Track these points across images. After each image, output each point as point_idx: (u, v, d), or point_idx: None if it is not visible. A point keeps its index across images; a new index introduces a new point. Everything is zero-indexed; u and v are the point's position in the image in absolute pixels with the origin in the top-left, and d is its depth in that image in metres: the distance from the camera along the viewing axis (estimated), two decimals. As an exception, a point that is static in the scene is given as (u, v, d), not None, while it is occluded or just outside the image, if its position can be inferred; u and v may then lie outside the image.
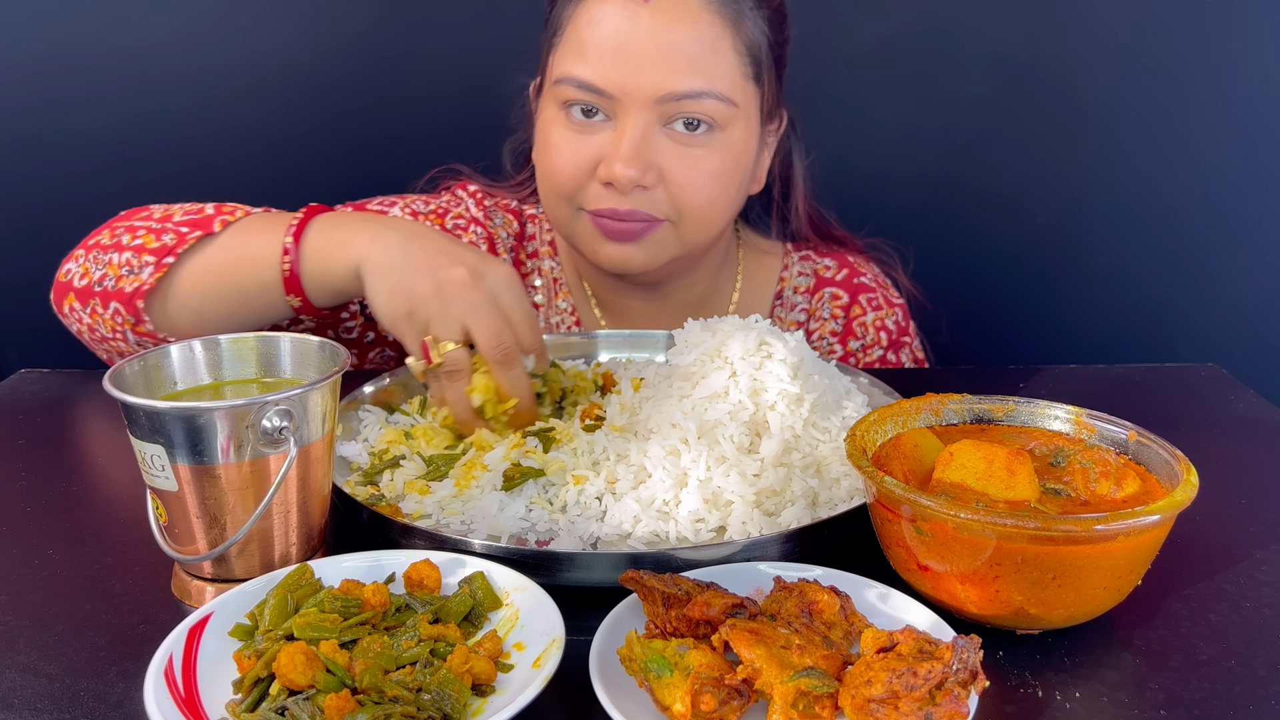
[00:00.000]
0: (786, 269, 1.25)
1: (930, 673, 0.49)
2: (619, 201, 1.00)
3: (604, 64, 0.98)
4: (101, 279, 0.96)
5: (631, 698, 0.52)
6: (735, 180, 1.06)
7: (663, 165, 1.00)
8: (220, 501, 0.62)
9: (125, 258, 0.96)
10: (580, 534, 0.71)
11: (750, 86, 1.03)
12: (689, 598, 0.56)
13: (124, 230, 0.99)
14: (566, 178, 1.02)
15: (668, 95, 0.97)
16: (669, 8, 0.97)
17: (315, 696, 0.52)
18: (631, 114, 0.98)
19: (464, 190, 1.22)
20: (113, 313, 0.95)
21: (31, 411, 0.98)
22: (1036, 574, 0.57)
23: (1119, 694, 0.56)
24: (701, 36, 0.98)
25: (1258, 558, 0.70)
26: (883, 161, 1.62)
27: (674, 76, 0.97)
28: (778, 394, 0.76)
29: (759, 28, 1.03)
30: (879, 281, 1.26)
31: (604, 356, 1.05)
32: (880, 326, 1.22)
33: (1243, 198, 1.60)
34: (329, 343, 0.71)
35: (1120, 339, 1.69)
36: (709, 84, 0.98)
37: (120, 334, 0.97)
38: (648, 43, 0.97)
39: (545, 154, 1.05)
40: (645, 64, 0.97)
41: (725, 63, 0.99)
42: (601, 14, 0.98)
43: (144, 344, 0.97)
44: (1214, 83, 1.55)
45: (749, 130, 1.05)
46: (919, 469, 0.68)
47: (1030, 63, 1.57)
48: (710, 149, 1.01)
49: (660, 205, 1.02)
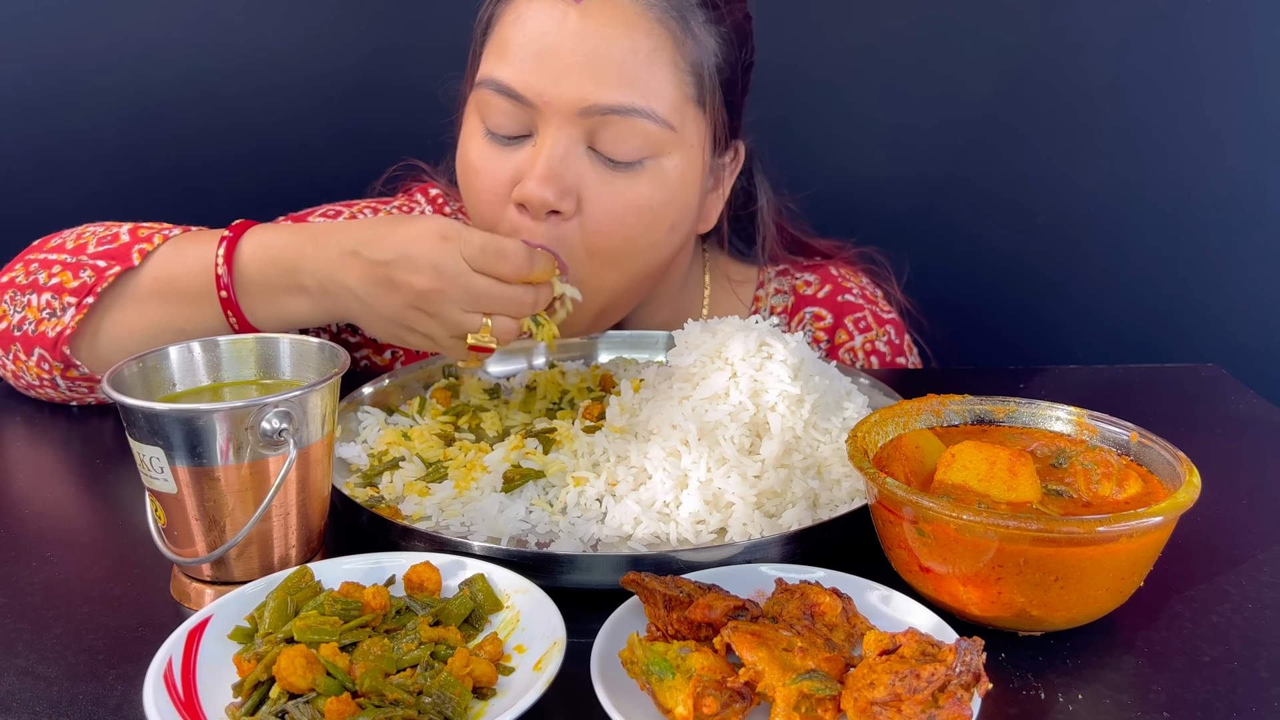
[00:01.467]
0: (762, 286, 1.14)
1: (933, 675, 0.49)
2: (530, 230, 0.88)
3: (524, 68, 0.87)
4: (21, 323, 0.90)
5: (633, 700, 0.52)
6: (666, 219, 0.92)
7: (583, 191, 0.88)
8: (219, 504, 0.62)
9: (45, 299, 0.90)
10: (581, 536, 0.71)
11: (692, 110, 0.91)
12: (690, 600, 0.56)
13: (38, 266, 0.92)
14: (485, 203, 0.92)
15: (591, 108, 0.86)
16: (602, 11, 0.87)
17: (315, 700, 0.52)
18: (552, 127, 0.87)
19: (423, 195, 1.13)
20: (38, 359, 0.90)
21: (30, 412, 0.98)
22: (1039, 576, 0.57)
23: (1121, 696, 0.56)
24: (636, 47, 0.87)
25: (1259, 558, 0.70)
26: (882, 161, 1.62)
27: (599, 87, 0.86)
28: (778, 395, 0.76)
29: (708, 46, 0.91)
30: (866, 296, 1.15)
31: (604, 357, 1.05)
32: (870, 350, 1.13)
33: (1243, 198, 1.60)
34: (328, 344, 0.71)
35: (1120, 339, 1.69)
36: (641, 100, 0.87)
37: (48, 380, 0.92)
38: (573, 48, 0.86)
39: (464, 175, 0.95)
40: (568, 71, 0.86)
41: (663, 79, 0.88)
42: (529, 13, 0.88)
43: (76, 389, 0.93)
44: (1214, 83, 1.55)
45: (689, 161, 0.92)
46: (920, 470, 0.67)
47: (1030, 63, 1.56)
48: (639, 178, 0.89)
49: (570, 243, 0.89)
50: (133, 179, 1.57)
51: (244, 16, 1.53)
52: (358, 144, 1.58)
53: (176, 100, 1.55)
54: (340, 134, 1.59)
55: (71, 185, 1.57)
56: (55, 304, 0.89)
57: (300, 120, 1.58)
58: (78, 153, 1.57)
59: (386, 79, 1.57)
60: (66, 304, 0.89)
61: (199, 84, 1.55)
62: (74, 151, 1.57)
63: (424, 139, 1.20)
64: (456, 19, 1.15)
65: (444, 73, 1.12)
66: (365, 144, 1.58)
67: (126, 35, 1.53)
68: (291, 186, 1.58)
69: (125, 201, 1.56)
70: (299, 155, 1.59)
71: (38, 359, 0.91)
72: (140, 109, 1.55)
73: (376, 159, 1.44)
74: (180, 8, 1.53)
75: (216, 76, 1.55)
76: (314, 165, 1.59)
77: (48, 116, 1.55)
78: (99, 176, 1.57)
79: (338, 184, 1.57)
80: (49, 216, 1.54)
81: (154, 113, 1.56)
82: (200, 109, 1.56)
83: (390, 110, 1.57)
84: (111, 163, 1.57)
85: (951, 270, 1.63)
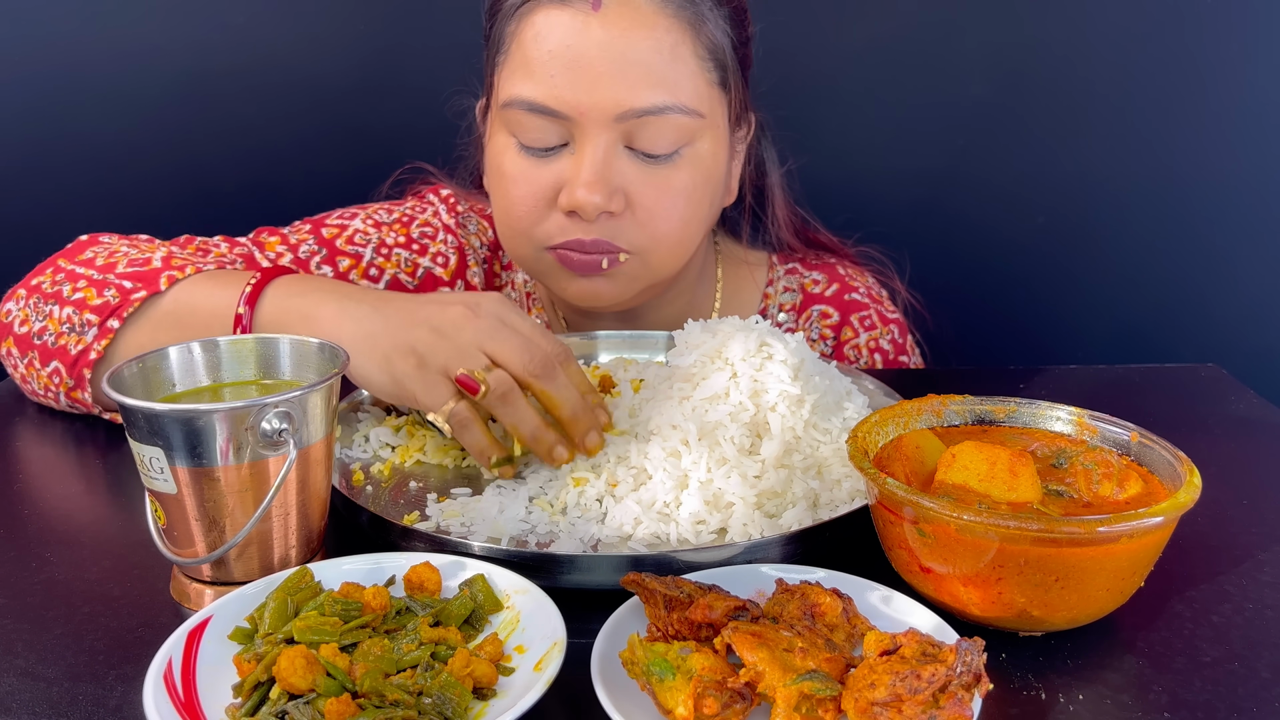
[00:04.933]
0: (772, 284, 1.17)
1: (934, 675, 0.49)
2: (585, 231, 0.92)
3: (554, 83, 0.89)
4: (41, 332, 0.90)
5: (634, 701, 0.52)
6: (707, 197, 0.98)
7: (629, 189, 0.92)
8: (219, 504, 0.62)
9: (66, 313, 0.89)
10: (581, 536, 0.71)
11: (716, 93, 0.96)
12: (691, 600, 0.56)
13: (65, 278, 0.91)
14: (524, 211, 0.94)
15: (628, 112, 0.89)
16: (621, 16, 0.89)
17: (316, 700, 0.52)
18: (590, 135, 0.90)
19: (435, 195, 1.14)
20: (51, 371, 0.90)
21: (29, 413, 0.98)
22: (1039, 576, 0.57)
23: (1122, 696, 0.56)
24: (659, 44, 0.89)
25: (1260, 559, 0.70)
26: (882, 161, 1.62)
27: (632, 91, 0.89)
28: (778, 395, 0.76)
29: (721, 28, 0.95)
30: (872, 296, 1.18)
31: (604, 357, 1.05)
32: (874, 348, 1.15)
33: (1244, 198, 1.60)
34: (328, 344, 0.71)
35: (1120, 339, 1.69)
36: (672, 97, 0.90)
37: (53, 394, 0.92)
38: (601, 56, 0.88)
39: (499, 186, 0.96)
40: (600, 79, 0.88)
41: (688, 71, 0.92)
42: (548, 27, 0.90)
43: (74, 407, 0.93)
44: (1214, 83, 1.55)
45: (718, 141, 0.98)
46: (921, 470, 0.67)
47: (1031, 62, 1.56)
48: (678, 166, 0.94)
49: (628, 235, 0.94)
50: (133, 179, 1.57)
51: (243, 17, 1.53)
52: (358, 144, 1.59)
53: (176, 100, 1.55)
54: (340, 134, 1.59)
55: (71, 185, 1.57)
56: (75, 319, 0.88)
57: (300, 120, 1.58)
58: (77, 153, 1.57)
59: (387, 79, 1.57)
60: (87, 321, 0.88)
61: (199, 84, 1.55)
62: (73, 152, 1.57)
63: (424, 139, 1.20)
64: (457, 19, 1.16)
65: (444, 73, 1.12)
66: (365, 144, 1.58)
67: (126, 35, 1.53)
68: (292, 187, 1.59)
69: (125, 202, 1.57)
70: (299, 155, 1.59)
71: (51, 372, 0.90)
72: (140, 109, 1.55)
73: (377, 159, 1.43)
74: (180, 8, 1.53)
75: (216, 77, 1.55)
76: (314, 165, 1.59)
77: (47, 117, 1.55)
78: (99, 177, 1.57)
79: (338, 184, 1.57)
80: (49, 216, 1.55)
81: (154, 113, 1.56)
82: (200, 109, 1.56)
83: (390, 111, 1.57)
84: (111, 163, 1.57)
85: (952, 269, 1.63)
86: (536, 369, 0.75)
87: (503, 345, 0.75)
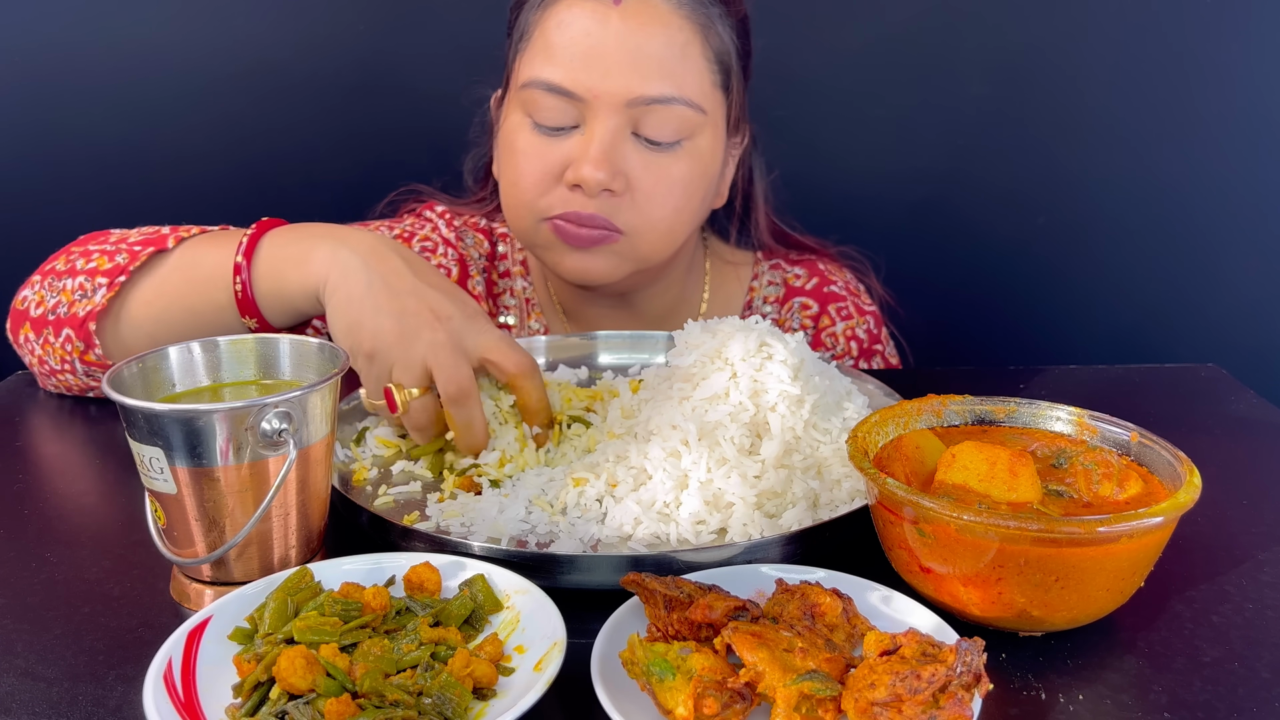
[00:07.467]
0: (756, 278, 1.24)
1: (934, 675, 0.49)
2: (584, 205, 0.99)
3: (573, 66, 0.96)
4: (55, 306, 0.93)
5: (634, 701, 0.52)
6: (700, 190, 1.04)
7: (630, 173, 0.99)
8: (219, 504, 0.62)
9: (79, 282, 0.93)
10: (581, 536, 0.71)
11: (718, 95, 1.02)
12: (691, 600, 0.56)
13: (79, 255, 0.95)
14: (531, 183, 1.00)
15: (637, 99, 0.96)
16: (639, 11, 0.96)
17: (315, 700, 0.52)
18: (600, 117, 0.97)
19: (432, 211, 1.19)
20: (64, 340, 0.92)
21: (29, 413, 0.98)
22: (1039, 576, 0.57)
23: (1122, 696, 0.56)
24: (671, 41, 0.97)
25: (1260, 559, 0.70)
26: (882, 160, 1.62)
27: (644, 81, 0.96)
28: (778, 395, 0.76)
29: (727, 35, 1.02)
30: (850, 289, 1.24)
31: (604, 358, 1.05)
32: (850, 336, 1.21)
33: (1243, 198, 1.60)
34: (328, 344, 0.71)
35: (1120, 339, 1.69)
36: (678, 89, 0.97)
37: (69, 364, 0.94)
38: (618, 46, 0.95)
39: (511, 160, 1.03)
40: (615, 67, 0.96)
41: (695, 69, 0.99)
42: (570, 17, 0.97)
43: (92, 374, 0.94)
44: (1214, 83, 1.55)
45: (716, 139, 1.04)
46: (921, 471, 0.67)
47: (1030, 62, 1.57)
48: (678, 156, 1.00)
49: (624, 215, 1.00)
50: (132, 179, 1.57)
51: (243, 17, 1.53)
52: (357, 144, 1.59)
53: (176, 100, 1.55)
54: (341, 134, 1.59)
55: (71, 185, 1.57)
56: (88, 285, 0.92)
57: (300, 120, 1.58)
58: (77, 153, 1.57)
59: (387, 80, 1.57)
60: (98, 285, 0.92)
61: (199, 84, 1.55)
62: (73, 152, 1.57)
63: (424, 139, 1.21)
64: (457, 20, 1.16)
65: (443, 73, 1.13)
66: (365, 144, 1.58)
67: (126, 36, 1.53)
68: (291, 187, 1.59)
69: (125, 202, 1.56)
70: (299, 155, 1.59)
71: (64, 339, 0.93)
72: (140, 110, 1.55)
73: (376, 159, 1.44)
74: (180, 8, 1.53)
75: (216, 77, 1.55)
76: (314, 166, 1.59)
77: (47, 117, 1.55)
78: (98, 177, 1.57)
79: (337, 184, 1.57)
80: (49, 217, 1.54)
81: (154, 113, 1.56)
82: (200, 109, 1.56)
83: (390, 111, 1.57)
84: (111, 163, 1.57)
85: (952, 269, 1.63)
86: (450, 394, 0.79)
87: (441, 364, 0.79)
